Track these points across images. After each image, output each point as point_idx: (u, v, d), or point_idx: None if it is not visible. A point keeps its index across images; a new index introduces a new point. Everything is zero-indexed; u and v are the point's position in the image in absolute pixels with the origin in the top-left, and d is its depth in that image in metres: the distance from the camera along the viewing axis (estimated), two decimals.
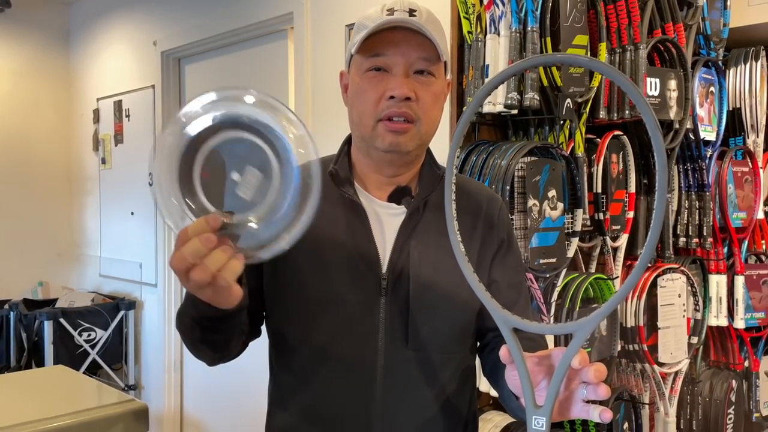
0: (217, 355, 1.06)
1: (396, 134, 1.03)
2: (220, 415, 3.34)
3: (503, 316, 0.79)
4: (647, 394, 2.19)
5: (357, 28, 1.06)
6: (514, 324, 0.79)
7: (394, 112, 1.02)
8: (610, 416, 0.79)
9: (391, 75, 1.03)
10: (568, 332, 0.77)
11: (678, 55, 2.16)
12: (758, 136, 2.50)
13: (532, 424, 0.76)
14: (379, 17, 1.02)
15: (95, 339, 3.61)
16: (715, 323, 2.34)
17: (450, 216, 0.84)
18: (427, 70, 1.04)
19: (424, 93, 1.04)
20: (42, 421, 1.44)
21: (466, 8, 1.88)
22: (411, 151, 1.07)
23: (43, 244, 4.21)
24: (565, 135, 1.90)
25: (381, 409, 1.05)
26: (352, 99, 1.09)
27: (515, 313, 0.81)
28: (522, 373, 0.78)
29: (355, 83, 1.07)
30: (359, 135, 1.09)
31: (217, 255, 0.78)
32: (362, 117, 1.06)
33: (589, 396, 0.81)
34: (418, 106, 1.03)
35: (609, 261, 2.06)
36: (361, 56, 1.05)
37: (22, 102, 4.12)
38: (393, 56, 1.03)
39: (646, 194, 2.18)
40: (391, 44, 1.02)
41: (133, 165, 3.76)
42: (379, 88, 1.03)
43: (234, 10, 3.01)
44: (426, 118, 1.06)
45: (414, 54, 1.03)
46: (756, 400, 2.54)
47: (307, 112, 2.60)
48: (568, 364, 0.76)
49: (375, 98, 1.03)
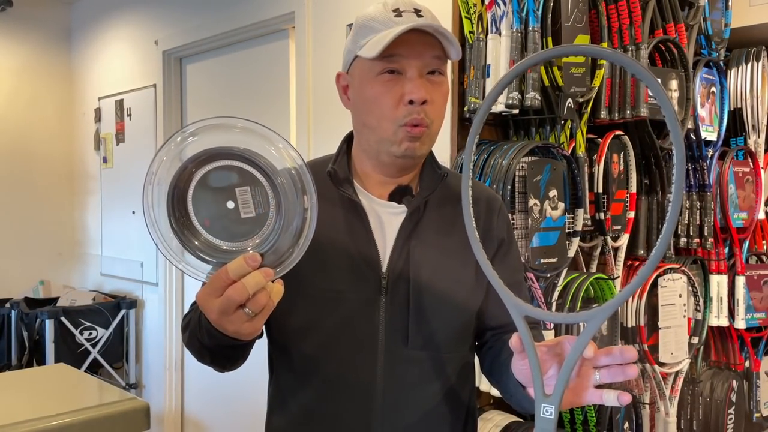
0: (224, 370, 1.07)
1: (412, 140, 1.03)
2: (220, 414, 3.34)
3: (516, 304, 0.79)
4: (648, 393, 2.19)
5: (361, 29, 1.04)
6: (527, 312, 0.79)
7: (415, 119, 1.01)
8: (628, 399, 0.79)
9: (406, 78, 1.02)
10: (580, 321, 0.77)
11: (679, 55, 2.16)
12: (759, 137, 2.50)
13: (541, 412, 0.75)
14: (386, 18, 1.01)
15: (96, 338, 3.62)
16: (716, 323, 2.34)
17: (468, 213, 0.83)
18: (438, 69, 1.04)
19: (437, 95, 1.04)
20: (44, 419, 1.44)
21: (467, 8, 1.88)
22: (423, 154, 1.08)
23: (44, 242, 4.21)
24: (566, 135, 1.90)
25: (381, 409, 1.05)
26: (362, 103, 1.06)
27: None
28: (532, 361, 0.77)
29: (365, 86, 1.05)
30: (375, 139, 1.06)
31: (270, 284, 0.80)
32: (380, 121, 1.03)
33: (604, 380, 0.81)
34: (432, 109, 1.03)
35: (610, 261, 2.06)
36: (371, 59, 1.02)
37: (24, 101, 4.12)
38: (408, 58, 1.01)
39: (647, 194, 2.18)
40: (405, 46, 1.00)
41: (135, 164, 3.77)
42: (395, 92, 1.02)
43: (235, 10, 3.01)
44: (438, 120, 1.06)
45: (428, 54, 1.02)
46: (756, 400, 2.54)
47: (308, 111, 2.61)
48: (580, 353, 0.76)
49: (393, 102, 1.02)
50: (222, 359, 1.02)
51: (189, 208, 0.80)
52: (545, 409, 0.75)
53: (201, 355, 1.02)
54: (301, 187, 0.81)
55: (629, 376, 0.80)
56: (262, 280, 0.78)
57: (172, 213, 0.80)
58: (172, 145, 0.81)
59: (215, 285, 0.79)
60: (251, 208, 0.80)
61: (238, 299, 0.78)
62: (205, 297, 0.81)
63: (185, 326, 1.06)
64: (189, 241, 0.80)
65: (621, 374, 0.80)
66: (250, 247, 0.80)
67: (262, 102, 3.06)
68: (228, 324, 0.82)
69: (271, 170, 0.79)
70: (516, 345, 0.82)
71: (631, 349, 0.80)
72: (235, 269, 0.78)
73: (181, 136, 0.81)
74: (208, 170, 0.79)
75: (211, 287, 0.80)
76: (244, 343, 0.91)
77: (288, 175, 0.81)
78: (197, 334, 0.97)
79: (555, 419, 0.75)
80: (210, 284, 0.80)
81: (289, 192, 0.80)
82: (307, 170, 0.82)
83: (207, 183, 0.79)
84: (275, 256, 0.81)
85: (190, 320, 1.03)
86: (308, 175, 0.81)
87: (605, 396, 0.81)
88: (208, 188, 0.80)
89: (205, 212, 0.80)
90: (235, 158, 0.79)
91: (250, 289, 0.78)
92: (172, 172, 0.80)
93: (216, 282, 0.79)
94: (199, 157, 0.79)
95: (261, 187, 0.80)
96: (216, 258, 0.81)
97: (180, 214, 0.80)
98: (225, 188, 0.80)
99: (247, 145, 0.79)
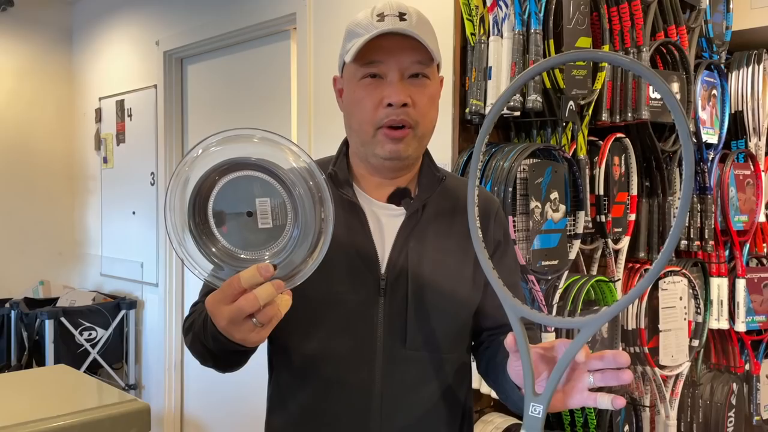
0: (225, 372, 1.08)
1: (395, 142, 1.04)
2: (220, 415, 3.34)
3: (513, 305, 0.80)
4: (648, 396, 2.19)
5: (348, 35, 1.07)
6: (523, 313, 0.80)
7: (393, 120, 1.03)
8: (622, 403, 0.80)
9: (386, 81, 1.04)
10: (574, 326, 0.78)
11: (681, 57, 2.16)
12: (760, 139, 2.50)
13: (530, 411, 0.77)
14: (369, 23, 1.03)
15: (96, 338, 3.61)
16: (716, 326, 2.34)
17: (472, 213, 0.84)
18: (421, 73, 1.05)
19: (420, 97, 1.05)
20: (45, 420, 1.44)
21: (469, 10, 1.88)
22: (410, 156, 1.08)
23: (44, 242, 4.21)
24: (568, 137, 1.90)
25: (379, 409, 1.06)
26: (348, 106, 1.10)
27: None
28: (525, 360, 0.79)
29: (351, 91, 1.07)
30: (358, 141, 1.10)
31: (279, 295, 0.81)
32: (361, 125, 1.06)
33: (597, 383, 0.82)
34: (415, 111, 1.04)
35: (610, 263, 2.06)
36: (354, 64, 1.05)
37: (25, 101, 4.12)
38: (387, 63, 1.03)
39: (648, 197, 2.18)
40: (383, 51, 1.03)
41: (135, 164, 3.77)
42: (375, 95, 1.04)
43: (237, 11, 3.01)
44: (423, 122, 1.06)
45: (407, 59, 1.03)
46: (756, 403, 2.54)
47: (309, 112, 2.61)
48: (572, 357, 0.77)
49: (372, 106, 1.04)
50: (225, 363, 1.03)
51: (209, 214, 0.81)
52: (534, 407, 0.77)
53: (204, 358, 1.03)
54: (319, 199, 0.82)
55: (623, 381, 0.80)
56: (273, 292, 0.79)
57: (192, 218, 0.81)
58: (200, 151, 0.82)
59: (227, 292, 0.80)
60: (269, 220, 0.81)
61: (249, 310, 0.79)
62: (216, 303, 0.82)
63: (188, 328, 1.06)
64: (206, 247, 0.81)
65: (615, 379, 0.81)
66: (266, 257, 0.81)
67: (263, 103, 3.06)
68: (236, 332, 0.82)
69: (290, 182, 0.80)
70: (510, 344, 0.82)
71: (624, 354, 0.81)
72: (247, 279, 0.79)
73: (204, 145, 0.82)
74: (230, 179, 0.81)
75: (222, 294, 0.81)
76: (248, 349, 0.92)
77: (306, 187, 0.81)
78: (201, 338, 0.97)
79: (542, 418, 0.76)
80: (221, 291, 0.81)
81: (307, 205, 0.81)
82: (327, 183, 0.83)
83: (228, 191, 0.81)
84: (288, 269, 0.82)
85: (194, 323, 1.03)
86: (327, 189, 0.82)
87: (599, 399, 0.81)
88: (228, 197, 0.81)
89: (224, 219, 0.81)
90: (256, 168, 0.81)
91: (261, 301, 0.79)
92: (194, 179, 0.81)
93: (228, 290, 0.80)
94: (221, 166, 0.80)
95: (280, 198, 0.81)
96: (231, 265, 0.82)
97: (200, 220, 0.81)
98: (245, 198, 0.81)
99: (266, 156, 0.81)
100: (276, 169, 0.80)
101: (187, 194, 0.81)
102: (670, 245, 0.70)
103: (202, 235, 0.81)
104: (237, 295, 0.79)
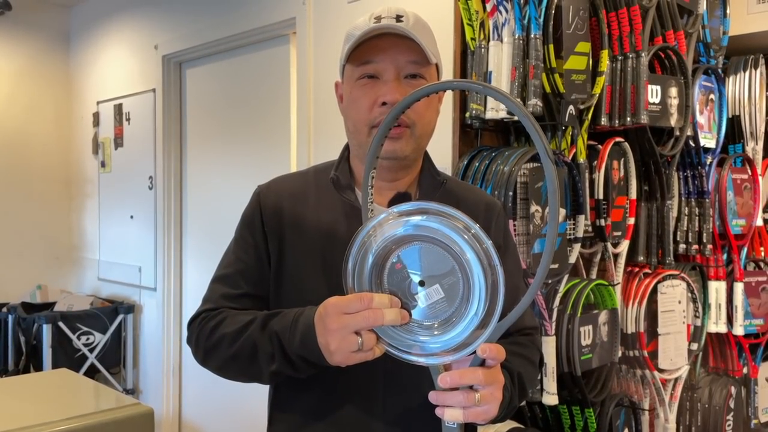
0: (244, 381, 1.09)
1: (392, 141, 1.05)
2: (218, 420, 3.33)
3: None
4: (647, 400, 2.19)
5: (346, 38, 1.08)
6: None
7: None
8: (451, 417, 0.86)
9: (382, 81, 1.05)
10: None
11: (679, 62, 2.17)
12: (757, 144, 2.52)
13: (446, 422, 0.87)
14: (366, 26, 1.04)
15: (94, 343, 3.61)
16: (715, 330, 2.35)
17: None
18: (417, 73, 1.06)
19: None
20: (47, 424, 1.44)
21: (469, 15, 1.89)
22: (408, 156, 1.08)
23: (41, 247, 4.20)
24: (567, 141, 1.91)
25: (382, 412, 1.06)
26: (345, 107, 1.11)
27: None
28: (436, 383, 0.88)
29: (348, 92, 1.09)
30: (356, 143, 1.11)
31: (398, 322, 0.84)
32: (357, 124, 1.07)
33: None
34: (412, 111, 1.04)
35: (610, 267, 2.07)
36: (351, 65, 1.07)
37: (22, 105, 4.11)
38: (382, 62, 1.04)
39: (647, 201, 2.20)
40: (379, 51, 1.04)
41: (133, 168, 3.76)
42: (371, 94, 1.05)
43: (236, 15, 3.01)
44: (420, 122, 1.07)
45: (403, 58, 1.04)
46: (754, 406, 2.55)
47: (309, 117, 2.61)
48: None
49: (368, 105, 1.05)
50: (250, 375, 1.05)
51: (384, 281, 0.86)
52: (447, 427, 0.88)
53: (225, 363, 1.05)
54: (489, 265, 0.82)
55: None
56: (397, 318, 0.83)
57: (369, 283, 0.86)
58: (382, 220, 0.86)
59: (354, 303, 0.85)
60: (435, 299, 0.83)
61: (367, 324, 0.84)
62: (339, 306, 0.86)
63: (213, 328, 1.07)
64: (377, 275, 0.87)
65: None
66: (435, 329, 0.84)
67: (262, 107, 3.07)
68: (334, 341, 0.87)
69: (465, 262, 0.81)
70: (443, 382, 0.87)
71: (471, 374, 0.86)
72: (379, 301, 0.84)
73: (396, 214, 0.85)
74: (404, 250, 0.84)
75: (348, 301, 0.85)
76: (318, 367, 0.95)
77: (479, 256, 0.82)
78: (257, 337, 1.00)
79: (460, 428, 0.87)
80: (350, 299, 0.85)
81: (479, 284, 0.82)
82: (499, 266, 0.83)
83: (402, 262, 0.85)
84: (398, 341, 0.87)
85: (230, 324, 1.04)
86: (500, 270, 0.82)
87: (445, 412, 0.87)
88: (403, 268, 0.85)
89: (392, 286, 0.86)
90: (430, 241, 0.83)
91: (384, 321, 0.83)
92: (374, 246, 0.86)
93: (356, 301, 0.85)
94: (402, 239, 0.84)
95: (453, 279, 0.82)
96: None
97: (375, 286, 0.86)
98: (431, 269, 0.83)
99: (441, 228, 0.82)
100: (450, 243, 0.82)
101: (369, 258, 0.86)
102: (544, 262, 0.79)
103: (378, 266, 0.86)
104: (361, 310, 0.84)
